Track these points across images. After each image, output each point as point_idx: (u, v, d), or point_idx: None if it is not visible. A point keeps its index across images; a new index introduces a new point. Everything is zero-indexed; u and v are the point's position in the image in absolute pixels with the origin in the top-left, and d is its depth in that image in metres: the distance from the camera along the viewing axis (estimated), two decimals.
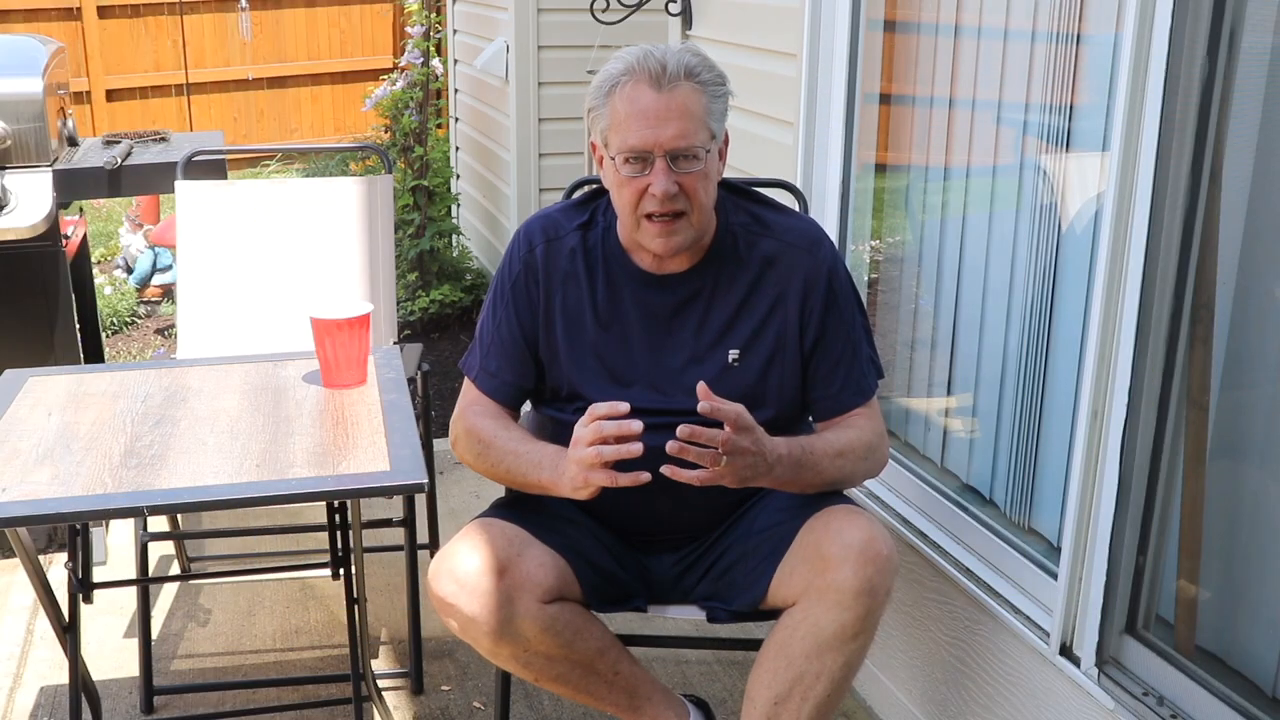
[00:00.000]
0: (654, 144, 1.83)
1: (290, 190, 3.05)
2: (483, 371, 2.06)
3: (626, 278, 1.99)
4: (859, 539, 1.81)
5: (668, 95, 1.83)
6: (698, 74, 1.86)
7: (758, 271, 1.98)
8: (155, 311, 5.57)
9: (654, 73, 1.83)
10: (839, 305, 1.99)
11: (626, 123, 1.85)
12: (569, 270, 2.00)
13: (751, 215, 2.02)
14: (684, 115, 1.84)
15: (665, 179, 1.84)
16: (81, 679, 2.32)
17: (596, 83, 1.90)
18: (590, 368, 2.00)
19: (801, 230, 2.02)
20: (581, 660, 1.94)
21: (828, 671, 1.83)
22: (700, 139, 1.85)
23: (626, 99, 1.85)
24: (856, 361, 2.00)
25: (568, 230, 2.02)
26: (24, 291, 3.08)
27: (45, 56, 3.15)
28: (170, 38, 8.40)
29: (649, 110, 1.83)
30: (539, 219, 2.06)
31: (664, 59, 1.84)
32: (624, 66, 1.86)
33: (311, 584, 3.05)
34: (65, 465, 1.83)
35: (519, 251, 2.03)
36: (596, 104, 1.90)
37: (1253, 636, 1.73)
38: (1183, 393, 1.77)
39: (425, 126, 5.27)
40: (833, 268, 2.00)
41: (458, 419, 2.06)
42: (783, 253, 1.99)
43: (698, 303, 1.98)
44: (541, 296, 2.01)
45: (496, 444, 1.98)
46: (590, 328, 2.00)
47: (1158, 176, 1.70)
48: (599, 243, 2.01)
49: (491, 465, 2.00)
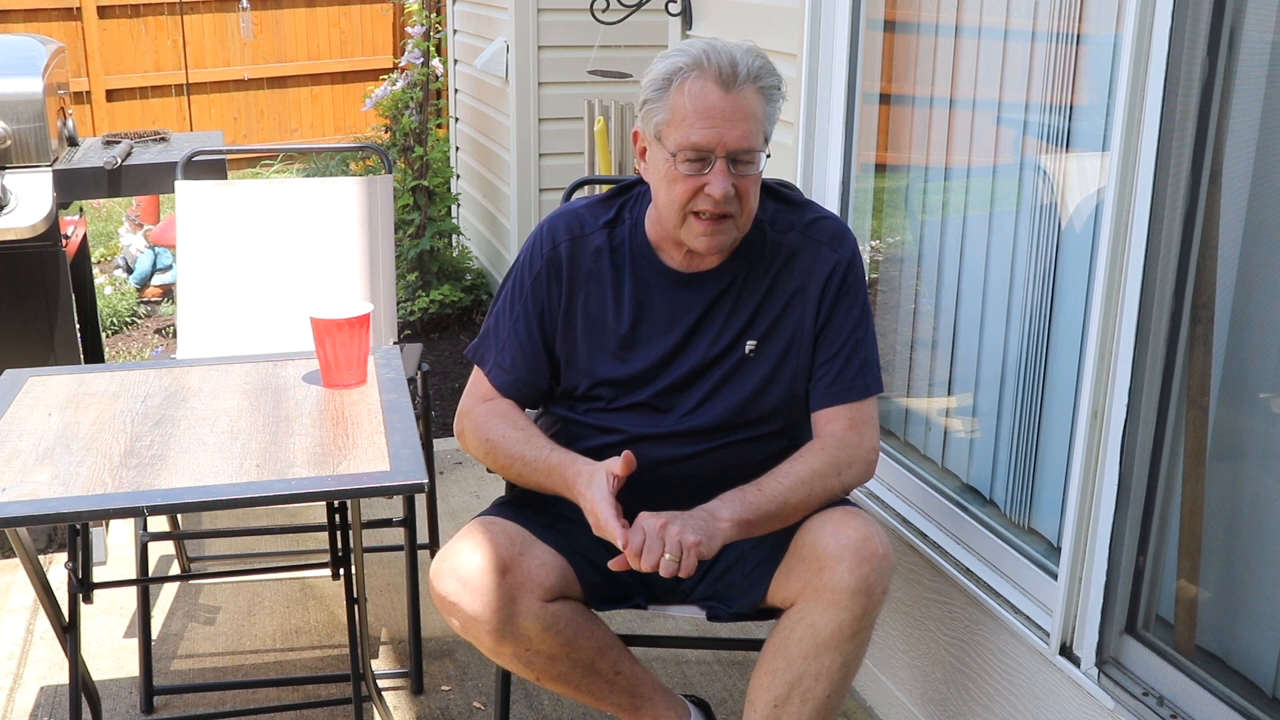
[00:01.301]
0: (718, 143, 1.81)
1: (290, 190, 3.05)
2: (496, 366, 2.03)
3: (655, 276, 1.98)
4: (854, 538, 1.81)
5: (736, 96, 1.80)
6: (763, 78, 1.83)
7: (781, 265, 1.98)
8: (155, 311, 5.57)
9: (723, 71, 1.80)
10: (848, 300, 1.98)
11: (691, 119, 1.81)
12: (593, 269, 1.98)
13: (776, 210, 2.01)
14: (748, 118, 1.81)
15: (724, 181, 1.82)
16: (81, 679, 2.32)
17: (654, 74, 1.85)
18: (612, 368, 1.99)
19: (825, 225, 2.01)
20: (583, 659, 1.94)
21: (826, 672, 1.83)
22: (759, 143, 1.84)
23: (692, 95, 1.81)
24: (854, 360, 1.97)
25: (593, 228, 2.00)
26: (24, 291, 3.08)
27: (45, 56, 3.15)
28: (170, 38, 8.40)
29: (715, 109, 1.80)
30: (563, 215, 2.03)
31: (734, 58, 1.81)
32: (689, 60, 1.82)
33: (311, 584, 3.05)
34: (65, 465, 1.83)
35: (542, 248, 2.00)
36: (654, 96, 1.85)
37: (1253, 636, 1.73)
38: (1183, 393, 1.77)
39: (425, 126, 5.27)
40: (851, 264, 1.99)
41: (465, 414, 2.04)
42: (806, 246, 1.98)
43: (725, 300, 1.97)
44: (563, 296, 1.99)
45: (504, 446, 1.96)
46: (613, 328, 1.98)
47: (1158, 176, 1.70)
48: (626, 240, 1.99)
49: (501, 467, 1.99)
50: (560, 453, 1.90)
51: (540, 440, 1.95)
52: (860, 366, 1.98)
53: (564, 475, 1.86)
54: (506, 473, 1.99)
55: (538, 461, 1.91)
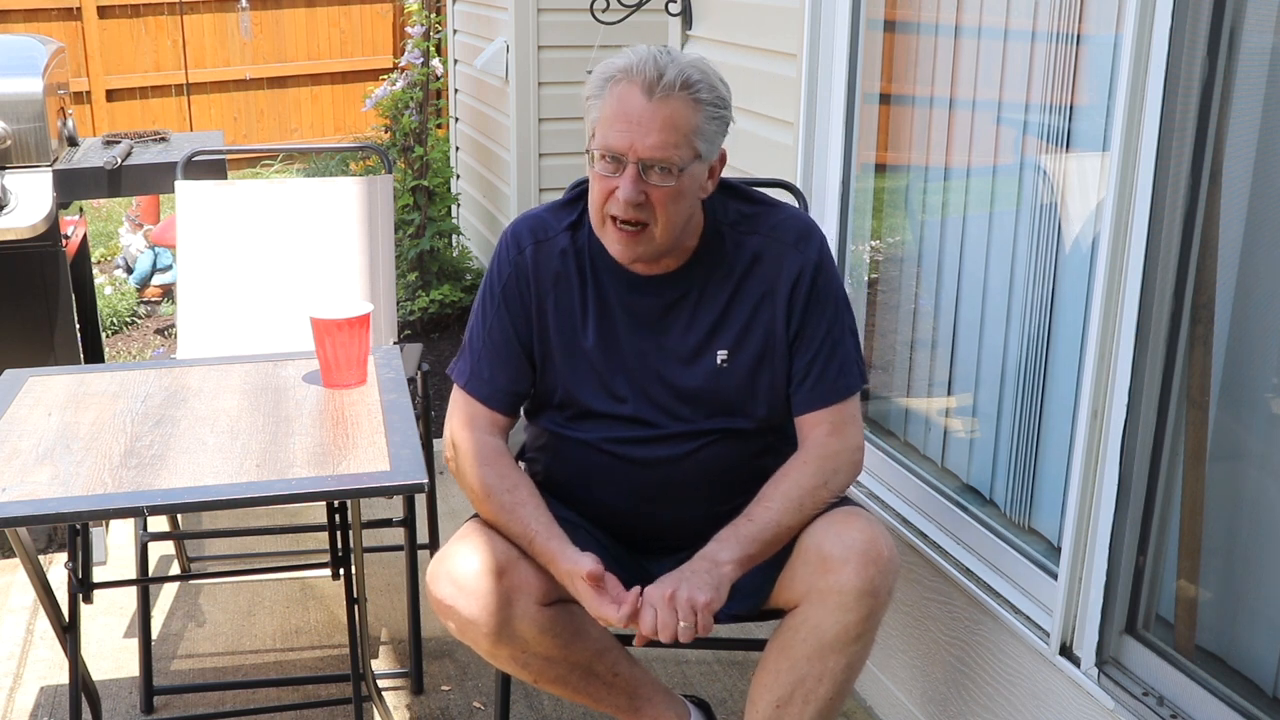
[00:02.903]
0: (629, 148, 1.79)
1: (290, 190, 3.05)
2: (474, 378, 2.00)
3: (613, 280, 1.96)
4: (860, 540, 1.80)
5: (657, 104, 1.79)
6: (696, 90, 1.80)
7: (744, 270, 1.95)
8: (155, 311, 5.57)
9: (649, 78, 1.79)
10: (820, 300, 1.94)
11: (611, 121, 1.81)
12: (560, 271, 1.97)
13: (741, 214, 1.98)
14: (667, 127, 1.79)
15: (631, 186, 1.80)
16: (81, 679, 2.32)
17: (597, 72, 1.87)
18: (585, 374, 1.97)
19: (789, 225, 1.97)
20: (580, 662, 1.94)
21: (830, 673, 1.83)
22: (680, 155, 1.80)
23: (616, 98, 1.81)
24: (833, 360, 1.94)
25: (557, 231, 1.98)
26: (24, 291, 3.08)
27: (45, 56, 3.15)
28: (170, 38, 8.40)
29: (633, 114, 1.79)
30: (526, 220, 2.02)
31: (664, 67, 1.79)
32: (625, 64, 1.82)
33: (311, 584, 3.05)
34: (65, 465, 1.83)
35: (508, 254, 1.99)
36: (592, 94, 1.87)
37: (1253, 636, 1.73)
38: (1183, 393, 1.77)
39: (425, 126, 5.27)
40: (820, 262, 1.95)
41: (456, 447, 1.99)
42: (769, 248, 1.95)
43: (685, 305, 1.95)
44: (533, 299, 1.97)
45: (488, 507, 1.93)
46: (583, 332, 1.96)
47: (1158, 176, 1.70)
48: (586, 243, 1.97)
49: (486, 517, 1.96)
50: (542, 539, 1.87)
51: (524, 512, 1.90)
52: (839, 368, 1.95)
53: (548, 566, 1.87)
54: (492, 525, 1.95)
55: (522, 540, 1.89)
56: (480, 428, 1.98)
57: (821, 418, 1.94)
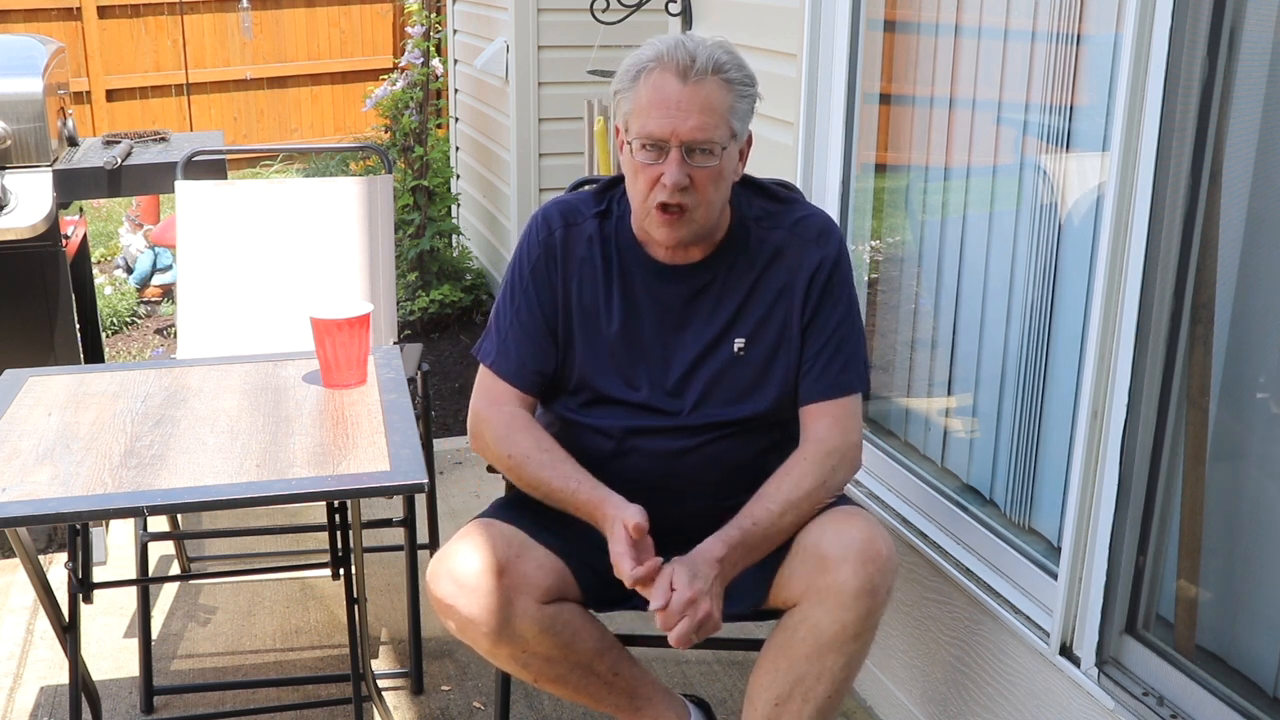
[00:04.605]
0: (671, 133, 1.84)
1: (290, 190, 3.05)
2: (501, 357, 2.02)
3: (640, 269, 2.00)
4: (858, 539, 1.81)
5: (693, 87, 1.83)
6: (726, 70, 1.86)
7: (766, 262, 1.99)
8: (155, 311, 5.57)
9: (682, 63, 1.83)
10: (833, 296, 1.99)
11: (648, 109, 1.85)
12: (586, 257, 2.00)
13: (765, 210, 2.03)
14: (706, 109, 1.84)
15: (678, 170, 1.84)
16: (81, 679, 2.32)
17: (625, 66, 1.90)
18: (604, 361, 2.00)
19: (812, 222, 2.02)
20: (580, 661, 1.94)
21: (828, 672, 1.83)
22: (719, 135, 1.86)
23: (651, 86, 1.85)
24: (839, 356, 1.97)
25: (586, 217, 2.02)
26: (24, 291, 3.08)
27: (45, 56, 3.16)
28: (170, 38, 8.40)
29: (671, 100, 1.83)
30: (556, 204, 2.05)
31: (695, 51, 1.84)
32: (654, 53, 1.86)
33: (311, 584, 3.05)
34: (65, 465, 1.83)
35: (538, 235, 2.02)
36: (623, 87, 1.90)
37: (1253, 636, 1.73)
38: (1183, 393, 1.77)
39: (425, 126, 5.27)
40: (837, 259, 2.00)
41: (482, 420, 2.01)
42: (791, 243, 2.00)
43: (709, 294, 1.99)
44: (560, 280, 2.00)
45: (528, 468, 1.95)
46: (606, 319, 1.99)
47: (1158, 176, 1.70)
48: (614, 233, 2.01)
49: (526, 486, 1.98)
50: (587, 489, 1.89)
51: (566, 468, 1.93)
52: (845, 363, 1.98)
53: (592, 515, 1.89)
54: (531, 492, 1.97)
55: (564, 494, 1.91)
56: (508, 403, 2.01)
57: (825, 410, 1.96)
